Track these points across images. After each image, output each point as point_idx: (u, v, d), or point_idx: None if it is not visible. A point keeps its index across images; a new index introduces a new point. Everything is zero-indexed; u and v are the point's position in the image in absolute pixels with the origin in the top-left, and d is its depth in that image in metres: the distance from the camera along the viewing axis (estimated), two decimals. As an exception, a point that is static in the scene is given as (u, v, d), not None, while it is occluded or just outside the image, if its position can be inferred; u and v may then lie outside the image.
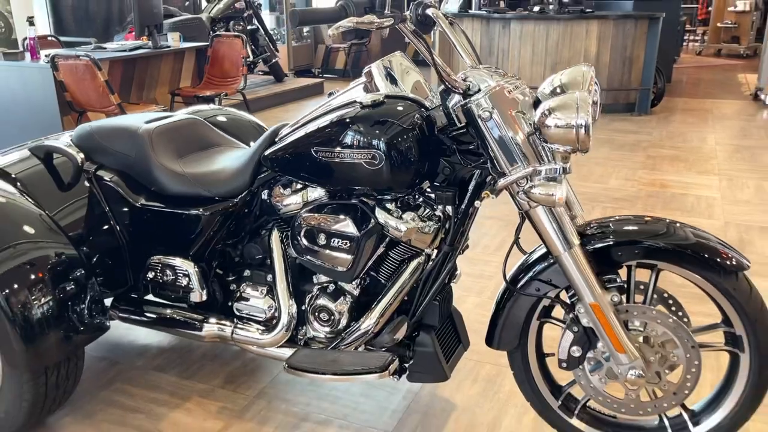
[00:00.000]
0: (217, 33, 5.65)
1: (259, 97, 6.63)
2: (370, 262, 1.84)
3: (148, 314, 2.09)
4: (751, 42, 10.95)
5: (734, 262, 1.61)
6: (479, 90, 1.64)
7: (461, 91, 1.65)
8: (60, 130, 4.23)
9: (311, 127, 1.81)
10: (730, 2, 10.85)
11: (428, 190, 1.83)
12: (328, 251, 1.81)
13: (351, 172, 1.74)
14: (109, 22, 7.05)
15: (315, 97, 7.82)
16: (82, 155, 2.07)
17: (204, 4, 8.04)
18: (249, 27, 7.32)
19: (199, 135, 2.22)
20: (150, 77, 5.05)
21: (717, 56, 11.35)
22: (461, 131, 1.71)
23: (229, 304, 2.07)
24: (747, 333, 1.66)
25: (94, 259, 2.07)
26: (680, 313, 1.76)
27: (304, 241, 1.85)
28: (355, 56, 8.95)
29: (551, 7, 6.47)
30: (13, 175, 2.04)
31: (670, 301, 1.77)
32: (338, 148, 1.73)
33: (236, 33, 5.49)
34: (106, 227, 2.11)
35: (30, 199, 1.97)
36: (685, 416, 1.79)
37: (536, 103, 1.63)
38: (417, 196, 1.85)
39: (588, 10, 6.41)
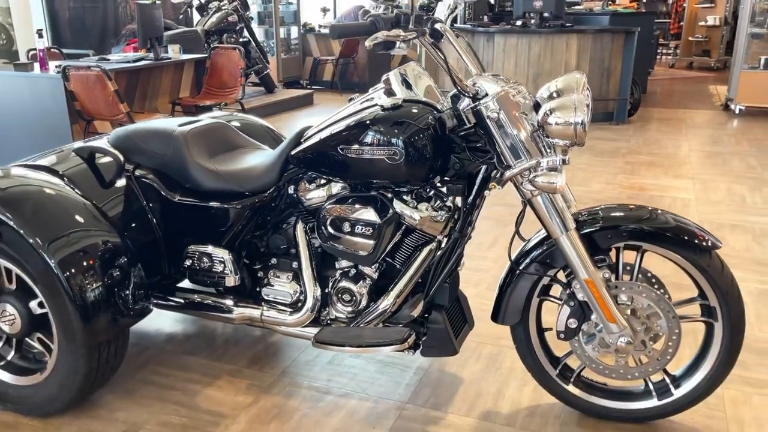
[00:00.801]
0: (215, 45, 5.87)
1: (251, 108, 6.84)
2: (388, 248, 2.06)
3: (182, 300, 2.29)
4: (721, 55, 11.42)
5: (709, 243, 1.87)
6: (486, 94, 1.88)
7: (471, 95, 1.89)
8: (69, 136, 4.41)
9: (336, 128, 2.03)
10: (701, 17, 11.32)
11: (438, 184, 2.07)
12: (352, 237, 2.03)
13: (374, 166, 1.96)
14: (104, 35, 7.23)
15: (305, 107, 8.04)
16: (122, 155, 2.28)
17: (195, 17, 8.26)
18: (241, 39, 7.54)
19: (226, 137, 2.44)
20: (152, 87, 5.25)
21: (689, 69, 11.79)
22: (469, 131, 1.95)
23: (257, 289, 2.28)
24: (720, 304, 1.91)
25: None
26: (662, 291, 2.01)
27: (330, 230, 2.07)
28: (342, 69, 9.20)
29: (533, 21, 6.78)
30: (60, 172, 2.23)
31: (653, 280, 2.02)
32: (363, 146, 1.95)
33: (234, 45, 5.71)
34: (143, 220, 2.30)
35: (78, 192, 2.16)
36: (668, 380, 2.04)
37: (536, 105, 1.88)
38: (429, 190, 2.07)
39: (568, 24, 6.74)
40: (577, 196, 4.35)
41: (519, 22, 6.83)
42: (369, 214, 2.01)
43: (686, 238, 1.87)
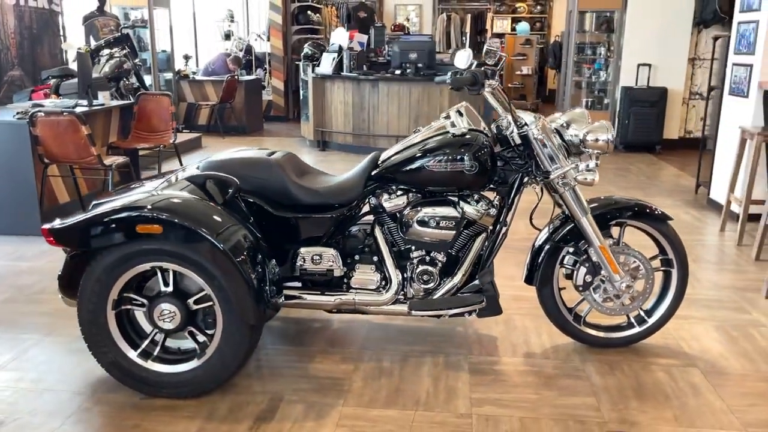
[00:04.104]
0: (142, 92, 6.15)
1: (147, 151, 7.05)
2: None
3: (293, 295, 2.80)
4: (534, 98, 13.56)
5: (665, 214, 2.88)
6: (526, 123, 2.74)
7: (517, 124, 2.74)
8: (33, 179, 4.52)
9: (416, 151, 2.75)
10: (517, 68, 13.37)
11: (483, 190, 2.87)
12: (437, 230, 2.76)
13: (453, 177, 2.71)
14: (-14, 82, 7.06)
15: (196, 150, 8.36)
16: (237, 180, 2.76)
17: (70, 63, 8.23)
18: (134, 86, 7.73)
19: (299, 163, 3.03)
20: (87, 132, 5.41)
21: (505, 110, 13.78)
22: (508, 150, 2.80)
23: (344, 280, 2.89)
24: (675, 256, 2.92)
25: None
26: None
27: (417, 226, 2.77)
28: (219, 111, 9.62)
29: (408, 71, 7.86)
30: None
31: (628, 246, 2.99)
32: (445, 162, 2.70)
33: (164, 92, 6.01)
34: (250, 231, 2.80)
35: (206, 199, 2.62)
36: (642, 313, 3.01)
37: (556, 130, 2.78)
38: (477, 195, 2.86)
39: (439, 73, 7.91)
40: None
41: (398, 71, 7.88)
42: (451, 212, 2.76)
43: (654, 213, 2.87)
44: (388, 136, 7.85)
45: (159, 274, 2.52)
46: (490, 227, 2.85)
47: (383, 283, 2.86)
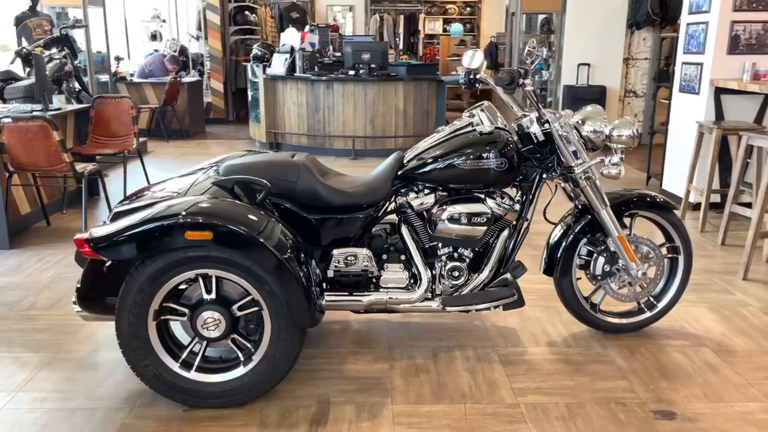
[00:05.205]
0: (99, 95, 5.87)
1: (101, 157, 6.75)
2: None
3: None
4: (469, 98, 13.85)
5: (670, 203, 3.05)
6: (548, 120, 2.83)
7: (541, 121, 2.83)
8: (0, 188, 4.25)
9: (444, 148, 2.80)
10: (452, 68, 13.63)
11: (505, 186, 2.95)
12: (468, 227, 2.81)
13: (482, 174, 2.77)
14: None
15: (142, 155, 8.05)
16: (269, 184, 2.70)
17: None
18: (76, 89, 7.36)
19: (318, 165, 3.01)
20: (46, 138, 5.13)
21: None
22: (529, 147, 2.89)
23: (373, 280, 2.89)
24: (681, 243, 3.11)
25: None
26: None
27: (447, 223, 2.81)
28: (160, 115, 9.30)
29: (362, 71, 7.89)
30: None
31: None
32: (476, 160, 2.76)
33: (124, 95, 5.75)
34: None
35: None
36: (651, 299, 3.18)
37: (574, 127, 2.90)
38: (500, 191, 2.93)
39: (393, 74, 7.98)
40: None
41: (351, 72, 7.88)
42: (482, 208, 2.82)
43: (658, 201, 3.04)
44: (344, 137, 7.84)
45: (201, 281, 2.45)
46: (513, 222, 2.94)
47: (412, 281, 2.89)
